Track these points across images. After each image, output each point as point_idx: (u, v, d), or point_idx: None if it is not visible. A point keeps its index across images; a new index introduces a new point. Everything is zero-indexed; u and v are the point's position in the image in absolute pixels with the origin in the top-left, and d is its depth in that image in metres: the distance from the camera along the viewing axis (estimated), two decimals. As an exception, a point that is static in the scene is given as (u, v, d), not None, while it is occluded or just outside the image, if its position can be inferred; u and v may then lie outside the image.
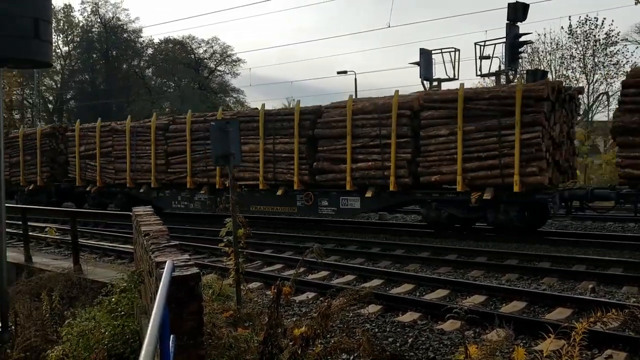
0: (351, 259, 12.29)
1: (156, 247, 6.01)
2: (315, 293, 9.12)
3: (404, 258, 12.01)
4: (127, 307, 7.16)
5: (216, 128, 8.32)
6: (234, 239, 7.81)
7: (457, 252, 12.43)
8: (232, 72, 62.73)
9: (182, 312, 4.73)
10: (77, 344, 6.81)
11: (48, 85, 60.57)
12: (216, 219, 17.52)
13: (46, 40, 5.27)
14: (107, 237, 16.60)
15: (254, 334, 6.16)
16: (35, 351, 8.15)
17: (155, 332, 2.71)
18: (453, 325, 7.02)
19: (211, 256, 12.89)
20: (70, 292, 9.22)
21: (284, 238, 15.50)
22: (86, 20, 60.61)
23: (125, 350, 6.58)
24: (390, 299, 8.33)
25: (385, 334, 7.02)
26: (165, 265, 4.50)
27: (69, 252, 12.93)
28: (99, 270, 10.69)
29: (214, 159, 8.62)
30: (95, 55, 60.34)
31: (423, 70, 18.98)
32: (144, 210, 9.38)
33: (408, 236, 15.17)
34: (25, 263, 11.61)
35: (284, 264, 11.94)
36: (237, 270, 7.74)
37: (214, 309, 6.93)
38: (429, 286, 9.35)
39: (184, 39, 60.39)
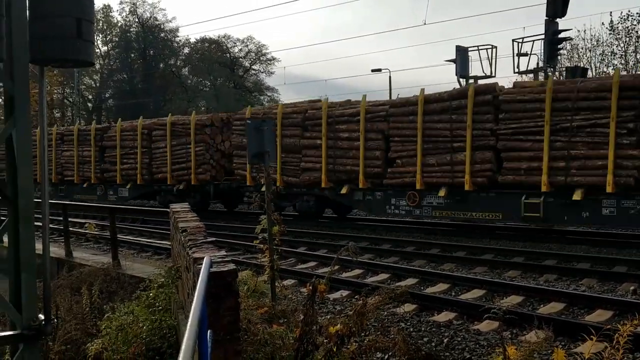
0: (385, 258, 12.24)
1: (193, 243, 6.10)
2: (349, 291, 9.11)
3: (438, 257, 11.91)
4: (164, 302, 7.27)
5: (252, 127, 8.37)
6: (268, 236, 7.86)
7: (494, 252, 12.26)
8: (267, 70, 63.16)
9: (219, 307, 4.78)
10: (115, 337, 6.94)
11: (87, 84, 61.91)
12: (251, 216, 17.69)
13: (88, 40, 5.40)
14: (144, 233, 16.90)
15: (288, 331, 6.19)
16: (75, 344, 8.36)
17: (195, 327, 2.75)
18: (490, 325, 6.94)
19: (246, 253, 12.99)
20: (110, 286, 9.42)
21: (317, 236, 15.52)
22: (124, 20, 61.84)
23: (163, 345, 6.68)
24: (426, 299, 8.26)
25: (421, 333, 6.97)
26: (203, 261, 4.55)
27: (108, 248, 13.20)
28: (137, 265, 10.88)
29: (249, 158, 8.69)
30: (133, 55, 61.41)
31: (459, 68, 18.80)
32: (181, 207, 9.53)
33: (443, 235, 15.03)
34: (66, 258, 11.89)
35: (318, 261, 11.96)
36: (271, 267, 7.79)
37: (249, 305, 6.99)
38: (464, 286, 9.25)
39: (219, 38, 61.05)
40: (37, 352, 5.90)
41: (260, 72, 63.77)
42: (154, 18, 61.16)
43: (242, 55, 63.24)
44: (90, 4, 5.44)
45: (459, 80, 18.90)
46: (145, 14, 60.97)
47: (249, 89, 63.71)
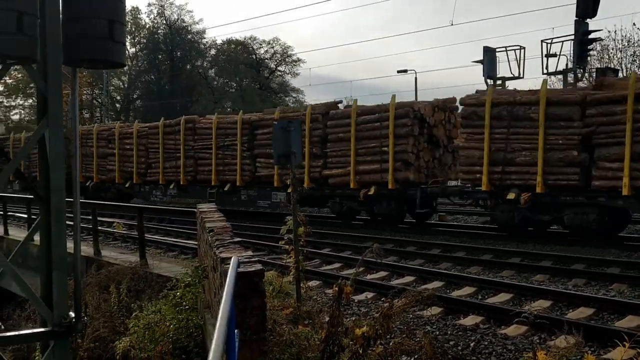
0: (410, 260, 12.16)
1: (220, 243, 6.14)
2: (374, 293, 9.08)
3: (465, 260, 11.79)
4: (191, 301, 7.35)
5: (278, 128, 8.40)
6: (294, 237, 7.87)
7: (521, 256, 12.10)
8: (292, 72, 63.42)
9: (246, 307, 4.81)
10: (143, 335, 7.04)
11: (116, 86, 62.83)
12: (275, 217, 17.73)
13: (120, 42, 5.48)
14: (170, 233, 17.08)
15: (314, 332, 6.20)
16: (103, 342, 8.49)
17: (224, 326, 2.77)
18: (517, 330, 6.84)
19: (271, 253, 13.03)
20: (137, 285, 9.54)
21: (342, 237, 15.50)
22: (152, 22, 62.66)
23: (189, 344, 6.75)
24: (452, 302, 8.19)
25: (447, 336, 6.91)
26: (231, 261, 4.58)
27: (135, 247, 13.37)
28: (164, 264, 11.00)
29: (276, 158, 8.72)
30: (161, 56, 62.18)
31: (487, 69, 18.61)
32: (208, 207, 9.61)
33: (469, 238, 14.89)
34: (95, 256, 12.07)
35: (343, 263, 11.94)
36: (297, 267, 7.79)
37: (274, 306, 7.01)
38: (491, 289, 9.14)
39: (245, 40, 61.48)
40: (67, 349, 6.00)
41: (286, 73, 64.11)
42: (181, 20, 61.91)
43: (267, 56, 63.63)
44: (121, 6, 5.52)
45: (487, 82, 18.71)
46: (172, 16, 61.78)
47: (274, 90, 64.01)
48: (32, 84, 59.37)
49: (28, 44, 4.98)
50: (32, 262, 12.29)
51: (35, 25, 5.11)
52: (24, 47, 4.95)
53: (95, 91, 59.70)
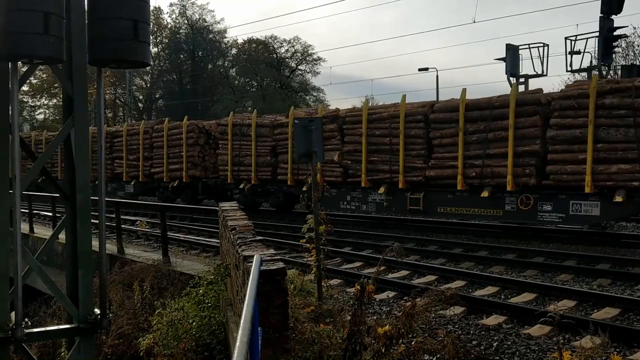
0: (432, 259, 12.11)
1: (243, 242, 6.18)
2: (395, 292, 9.06)
3: (487, 260, 11.70)
4: (213, 299, 7.39)
5: (299, 126, 8.41)
6: (315, 236, 7.87)
7: (544, 255, 11.98)
8: (313, 71, 63.44)
9: (269, 305, 4.83)
10: (166, 333, 7.10)
11: (138, 85, 63.50)
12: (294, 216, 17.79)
13: (144, 42, 5.53)
14: (192, 231, 17.21)
15: (335, 330, 6.20)
16: (127, 338, 8.58)
17: (248, 324, 2.78)
18: (541, 330, 6.78)
19: (292, 252, 13.06)
20: (160, 283, 9.63)
21: (363, 236, 15.48)
22: (174, 22, 63.19)
23: (212, 341, 6.80)
24: (474, 301, 8.14)
25: (469, 336, 6.86)
26: (254, 260, 4.60)
27: (158, 245, 13.51)
28: (186, 262, 11.08)
29: (297, 157, 8.73)
30: (182, 56, 62.65)
31: (509, 67, 18.44)
32: (230, 206, 9.66)
33: (491, 237, 14.77)
34: (118, 254, 12.22)
35: (364, 261, 11.93)
36: (318, 266, 7.80)
37: (295, 304, 7.03)
38: (514, 289, 9.07)
39: (266, 39, 61.65)
40: (93, 346, 6.08)
41: (306, 72, 64.16)
42: (202, 19, 62.32)
43: (288, 55, 63.73)
44: (146, 6, 5.57)
45: (509, 79, 18.53)
46: (194, 16, 62.23)
47: (295, 89, 64.10)
48: (56, 83, 60.31)
49: (54, 44, 5.05)
50: (57, 260, 12.50)
51: (61, 25, 5.18)
52: (50, 47, 5.02)
53: (118, 91, 60.42)
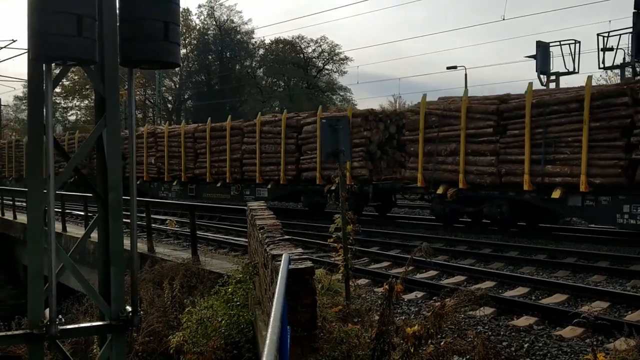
0: (461, 260, 11.99)
1: (271, 241, 6.21)
2: (424, 292, 9.00)
3: (517, 260, 11.54)
4: (242, 297, 7.45)
5: (326, 125, 8.41)
6: (343, 235, 7.87)
7: (576, 256, 11.76)
8: (340, 70, 63.39)
9: (297, 304, 4.85)
10: (196, 330, 7.18)
11: (167, 86, 64.26)
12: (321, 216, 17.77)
13: (175, 42, 5.60)
14: (220, 230, 17.35)
15: (363, 330, 6.19)
16: (157, 336, 8.70)
17: (278, 322, 2.79)
18: (573, 331, 6.67)
19: (319, 251, 13.07)
20: (190, 281, 9.73)
21: (390, 236, 15.41)
22: (202, 24, 63.79)
23: (241, 339, 6.85)
24: (504, 302, 8.04)
25: (499, 337, 6.78)
26: (282, 258, 4.62)
27: (187, 244, 13.65)
28: (215, 261, 11.18)
29: (324, 156, 8.74)
30: (211, 57, 63.22)
31: (540, 64, 18.19)
32: (258, 205, 9.72)
33: (521, 237, 14.56)
34: (149, 253, 12.38)
35: (391, 261, 11.87)
36: (346, 265, 7.79)
37: (323, 303, 7.03)
38: (545, 290, 8.93)
39: (293, 39, 61.80)
40: (124, 343, 6.18)
41: (333, 71, 64.13)
42: (230, 20, 62.76)
43: (315, 55, 63.79)
44: (176, 7, 5.65)
45: (540, 77, 18.26)
46: (222, 17, 62.72)
47: (322, 89, 64.13)
48: (87, 85, 61.39)
49: (87, 45, 5.14)
50: (89, 258, 12.72)
51: (94, 27, 5.27)
52: (84, 49, 5.12)
53: (148, 92, 61.26)
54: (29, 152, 5.83)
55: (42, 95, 5.56)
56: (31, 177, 5.69)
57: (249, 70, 64.24)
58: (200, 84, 63.13)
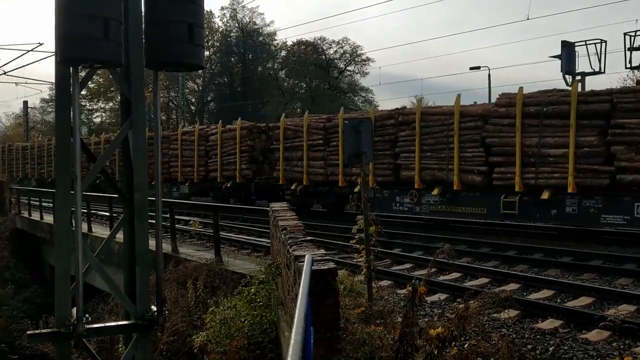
0: (484, 262, 11.89)
1: (294, 242, 6.23)
2: (447, 294, 8.94)
3: (542, 262, 11.41)
4: (265, 298, 7.47)
5: (349, 127, 8.41)
6: (365, 236, 7.86)
7: (602, 258, 11.59)
8: (362, 71, 63.30)
9: (320, 305, 4.85)
10: (219, 330, 7.22)
11: (191, 88, 64.81)
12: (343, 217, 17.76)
13: (199, 45, 5.66)
14: (243, 231, 17.44)
15: (386, 332, 6.17)
16: (181, 335, 8.77)
17: (302, 322, 2.80)
18: (599, 335, 6.58)
19: (341, 252, 13.06)
20: (213, 281, 9.80)
21: (412, 237, 15.34)
22: (225, 26, 64.22)
23: (264, 340, 6.87)
24: (529, 304, 7.96)
25: (524, 340, 6.71)
26: (305, 259, 4.63)
27: (210, 244, 13.75)
28: (238, 262, 11.24)
29: (346, 158, 8.74)
30: (233, 59, 63.61)
31: (565, 64, 17.93)
32: (281, 206, 9.75)
33: (546, 239, 14.39)
34: (173, 253, 12.49)
35: (414, 263, 11.81)
36: (368, 267, 7.78)
37: (345, 304, 7.03)
38: (570, 293, 8.82)
39: (315, 41, 61.88)
40: (149, 342, 6.25)
41: (355, 73, 64.06)
42: (252, 22, 63.08)
43: (337, 56, 63.79)
44: (200, 10, 5.71)
45: (565, 77, 18.02)
46: (244, 19, 63.05)
47: (344, 90, 64.09)
48: (112, 87, 62.21)
49: (114, 48, 5.22)
50: (113, 258, 12.88)
51: (120, 30, 5.35)
52: (110, 51, 5.19)
53: (171, 94, 61.87)
54: (56, 154, 5.93)
55: (69, 98, 5.65)
56: (59, 178, 5.78)
57: (271, 72, 64.50)
58: (222, 86, 63.57)
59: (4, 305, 19.54)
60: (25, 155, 42.75)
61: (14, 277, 21.92)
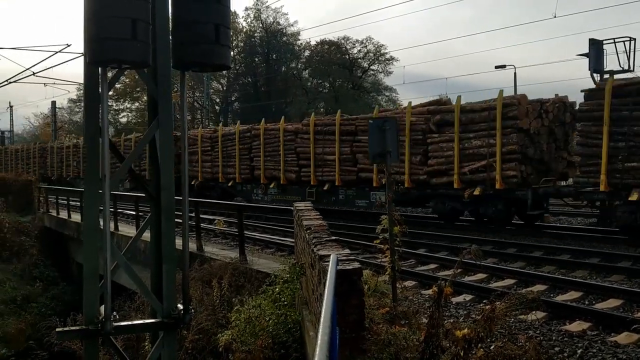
0: (510, 262, 11.76)
1: (318, 241, 6.23)
2: (472, 295, 8.87)
3: (569, 263, 11.24)
4: (289, 297, 7.49)
5: (374, 126, 8.39)
6: (389, 236, 7.82)
7: (632, 259, 11.37)
8: (385, 70, 63.04)
9: (345, 305, 4.85)
10: (244, 329, 7.26)
11: (215, 89, 65.28)
12: (367, 217, 17.73)
13: (226, 45, 5.69)
14: (267, 230, 17.51)
15: (411, 333, 6.14)
16: (207, 334, 8.84)
17: (328, 322, 2.80)
18: (629, 338, 6.47)
19: (365, 252, 13.03)
20: (238, 280, 9.85)
21: (437, 238, 15.24)
22: (249, 26, 64.55)
23: (288, 339, 6.89)
24: (556, 306, 7.85)
25: (551, 342, 6.62)
26: (330, 259, 4.63)
27: (234, 243, 13.83)
28: (262, 261, 11.29)
29: (371, 157, 8.72)
30: (257, 59, 63.90)
31: (593, 62, 17.63)
32: (305, 206, 9.77)
33: (573, 240, 14.17)
34: (198, 252, 12.59)
35: (439, 264, 11.74)
36: (392, 267, 7.75)
37: (370, 305, 7.01)
38: (599, 295, 8.67)
39: (339, 40, 61.79)
40: (175, 340, 6.30)
41: (379, 72, 63.83)
42: (276, 23, 63.27)
43: (360, 56, 63.63)
44: (227, 10, 5.74)
45: (593, 76, 17.72)
46: (268, 19, 63.28)
47: (367, 89, 63.93)
48: (138, 87, 63.00)
49: (141, 49, 5.27)
50: (139, 257, 13.03)
51: (147, 31, 5.40)
52: (138, 52, 5.24)
53: (196, 94, 62.39)
54: (85, 153, 6.02)
55: (97, 98, 5.73)
56: (87, 178, 5.86)
57: (295, 72, 64.63)
58: (246, 85, 63.90)
59: (33, 303, 19.91)
60: (45, 154, 44.16)
61: (42, 274, 22.34)
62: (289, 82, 62.37)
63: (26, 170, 43.11)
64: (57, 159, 42.05)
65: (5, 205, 26.26)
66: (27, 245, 23.92)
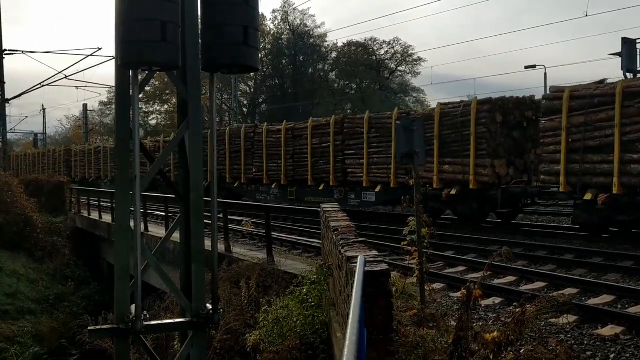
0: (541, 265, 11.58)
1: (345, 242, 6.22)
2: (502, 298, 8.76)
3: (601, 267, 11.02)
4: (316, 298, 7.49)
5: (401, 127, 8.35)
6: (417, 238, 7.77)
7: (666, 264, 11.09)
8: (413, 71, 62.76)
9: (373, 306, 4.82)
10: (272, 330, 7.29)
11: (243, 91, 65.74)
12: (394, 218, 17.63)
13: (254, 47, 5.74)
14: (294, 232, 17.55)
15: (439, 335, 6.09)
16: (235, 334, 8.90)
17: (356, 323, 2.80)
18: (664, 343, 6.31)
19: (392, 254, 12.97)
20: (265, 281, 9.90)
21: (465, 240, 15.09)
22: (277, 28, 64.84)
23: (315, 340, 6.88)
24: (588, 310, 7.71)
25: (583, 347, 6.50)
26: (358, 261, 4.61)
27: (262, 244, 13.90)
28: (289, 262, 11.32)
29: (398, 157, 8.68)
30: (285, 61, 64.16)
31: (625, 62, 17.32)
32: (332, 207, 9.77)
33: (606, 243, 13.89)
34: (226, 252, 12.69)
35: (467, 266, 11.62)
36: (421, 269, 7.70)
37: (398, 307, 6.97)
38: (632, 299, 8.48)
39: (366, 41, 61.72)
40: (204, 339, 6.36)
41: (406, 73, 63.56)
42: (303, 24, 63.46)
43: (388, 57, 63.46)
44: (255, 12, 5.79)
45: (625, 75, 17.38)
46: (295, 21, 63.50)
47: (394, 90, 63.68)
48: (167, 90, 63.77)
49: (171, 51, 5.34)
50: (169, 257, 13.19)
51: (177, 33, 5.47)
52: (168, 54, 5.32)
53: (224, 96, 62.92)
54: (116, 155, 6.12)
55: (129, 101, 5.82)
56: (119, 179, 5.96)
57: (322, 74, 64.72)
58: (274, 87, 64.20)
59: (65, 302, 20.28)
60: (73, 158, 45.75)
61: (74, 274, 22.74)
62: (316, 83, 62.49)
63: (54, 172, 44.27)
64: (81, 162, 43.69)
65: (39, 206, 26.80)
66: (60, 245, 24.37)
